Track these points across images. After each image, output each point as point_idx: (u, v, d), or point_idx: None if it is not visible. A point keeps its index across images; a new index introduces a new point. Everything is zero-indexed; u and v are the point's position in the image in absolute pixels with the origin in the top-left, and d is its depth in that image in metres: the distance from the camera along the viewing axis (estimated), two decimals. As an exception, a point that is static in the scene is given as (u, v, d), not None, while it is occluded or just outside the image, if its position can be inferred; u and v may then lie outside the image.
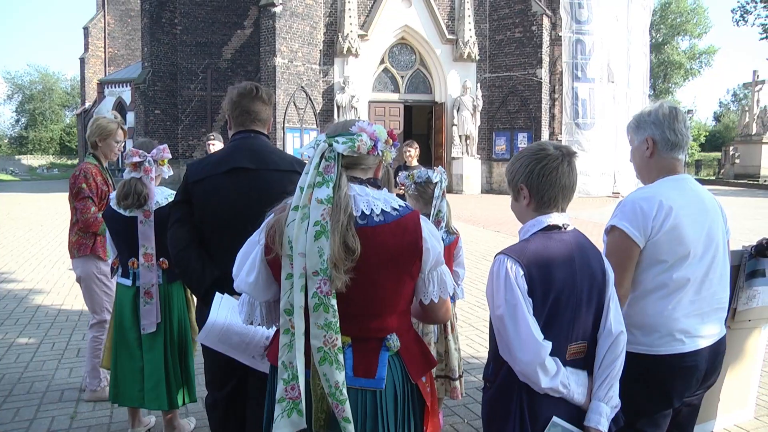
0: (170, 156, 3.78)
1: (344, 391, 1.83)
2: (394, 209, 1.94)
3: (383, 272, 1.90)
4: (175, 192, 3.73)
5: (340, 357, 1.84)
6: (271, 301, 2.04)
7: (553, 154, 2.10)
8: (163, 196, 3.72)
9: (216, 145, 7.39)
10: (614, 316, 2.13)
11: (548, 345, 1.97)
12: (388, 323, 1.97)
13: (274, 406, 1.99)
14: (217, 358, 2.92)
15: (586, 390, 2.07)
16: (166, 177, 3.82)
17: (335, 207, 1.83)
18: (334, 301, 1.83)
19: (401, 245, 1.91)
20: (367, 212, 1.90)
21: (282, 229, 1.88)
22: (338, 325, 1.84)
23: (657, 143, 2.55)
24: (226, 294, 2.71)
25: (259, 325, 2.07)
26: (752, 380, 4.17)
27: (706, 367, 2.51)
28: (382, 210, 1.92)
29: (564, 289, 2.02)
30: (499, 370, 2.10)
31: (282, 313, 1.88)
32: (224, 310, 2.64)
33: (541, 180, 2.09)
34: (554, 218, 2.11)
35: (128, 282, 3.77)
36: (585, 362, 2.12)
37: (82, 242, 4.46)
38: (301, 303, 1.83)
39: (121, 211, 3.63)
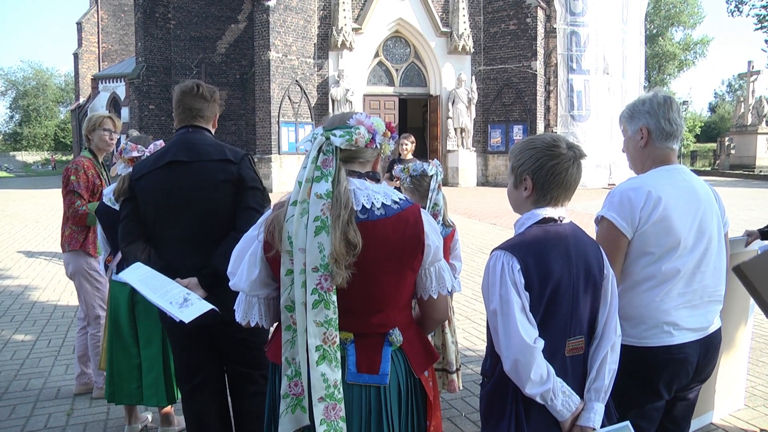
0: None
1: (341, 389, 1.82)
2: (395, 202, 1.92)
3: (385, 266, 1.88)
4: None
5: (339, 354, 1.83)
6: (270, 297, 2.02)
7: (567, 155, 2.07)
8: None
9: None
10: (617, 319, 2.12)
11: (539, 345, 1.94)
12: (391, 318, 1.95)
13: (276, 402, 1.98)
14: (186, 347, 3.03)
15: (570, 414, 2.01)
16: None
17: (335, 202, 1.81)
18: (334, 297, 1.81)
19: (403, 239, 1.88)
20: (368, 206, 1.88)
21: (281, 224, 1.86)
22: (338, 321, 1.82)
23: (652, 133, 2.52)
24: (147, 267, 2.82)
25: (256, 324, 2.05)
26: (741, 370, 4.23)
27: (697, 359, 2.48)
28: (383, 203, 1.90)
29: (561, 280, 2.00)
30: (496, 365, 2.07)
31: (283, 309, 1.87)
32: (142, 272, 2.75)
33: (549, 178, 2.06)
34: (549, 211, 2.10)
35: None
36: (584, 360, 2.10)
37: (74, 237, 4.48)
38: (303, 299, 1.81)
39: (116, 207, 3.60)
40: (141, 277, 2.69)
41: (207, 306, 2.57)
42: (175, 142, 3.00)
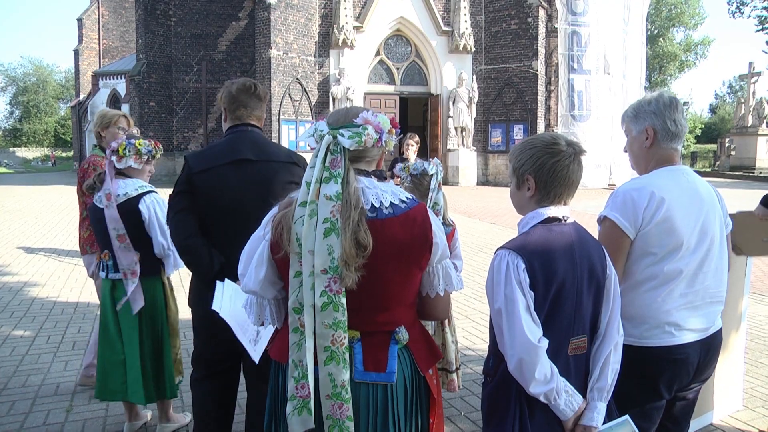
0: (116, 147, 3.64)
1: (349, 389, 1.82)
2: (402, 201, 1.92)
3: (392, 265, 1.88)
4: (146, 185, 3.68)
5: (347, 355, 1.83)
6: (279, 298, 2.01)
7: (567, 151, 2.07)
8: (133, 187, 3.63)
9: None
10: (619, 319, 2.13)
11: (543, 345, 1.94)
12: (397, 316, 1.96)
13: (277, 401, 1.98)
14: (210, 337, 3.07)
15: (573, 413, 2.02)
16: (137, 167, 3.67)
17: (345, 203, 1.80)
18: (343, 300, 1.81)
19: (411, 237, 1.89)
20: (377, 205, 1.88)
21: (289, 225, 1.85)
22: (346, 323, 1.82)
23: (657, 133, 2.52)
24: (227, 280, 2.81)
25: (270, 325, 2.05)
26: (738, 371, 4.24)
27: (698, 360, 2.48)
28: (391, 202, 1.90)
29: (565, 280, 2.00)
30: (499, 364, 2.07)
31: (291, 311, 1.86)
32: (228, 292, 2.74)
33: (551, 176, 2.07)
34: (553, 210, 2.10)
35: (103, 275, 3.73)
36: (586, 359, 2.10)
37: (94, 238, 4.43)
38: (311, 301, 1.80)
39: (98, 204, 3.61)
40: (229, 311, 2.67)
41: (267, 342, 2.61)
42: (240, 139, 3.01)
